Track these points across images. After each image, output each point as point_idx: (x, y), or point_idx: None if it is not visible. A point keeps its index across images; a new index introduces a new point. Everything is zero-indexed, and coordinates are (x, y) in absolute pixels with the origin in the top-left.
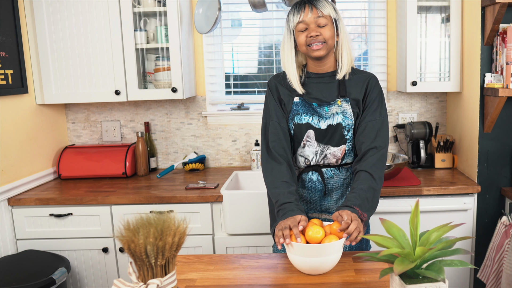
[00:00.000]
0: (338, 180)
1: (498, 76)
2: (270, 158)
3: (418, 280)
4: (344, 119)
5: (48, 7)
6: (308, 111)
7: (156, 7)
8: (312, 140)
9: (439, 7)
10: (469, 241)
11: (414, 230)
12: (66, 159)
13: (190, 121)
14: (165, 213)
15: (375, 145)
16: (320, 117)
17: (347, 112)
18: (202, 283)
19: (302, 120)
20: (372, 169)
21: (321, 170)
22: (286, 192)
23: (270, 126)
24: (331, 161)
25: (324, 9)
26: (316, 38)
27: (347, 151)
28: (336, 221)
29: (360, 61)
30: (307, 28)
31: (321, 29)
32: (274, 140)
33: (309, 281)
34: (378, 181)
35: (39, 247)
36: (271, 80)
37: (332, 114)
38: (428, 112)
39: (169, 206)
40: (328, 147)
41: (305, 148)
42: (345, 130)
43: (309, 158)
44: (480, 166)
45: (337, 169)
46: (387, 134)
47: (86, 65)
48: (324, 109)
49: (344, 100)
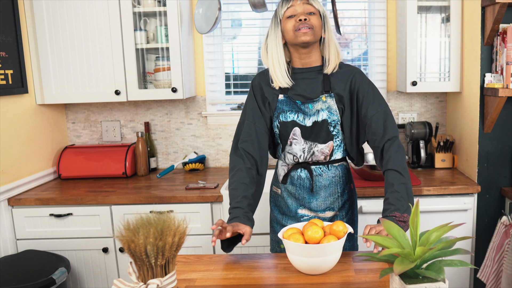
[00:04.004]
0: (327, 177)
1: (498, 76)
2: (236, 156)
3: (418, 280)
4: (329, 115)
5: (48, 7)
6: (293, 109)
7: (156, 7)
8: (299, 138)
9: (439, 7)
10: (469, 241)
11: (414, 230)
12: (66, 159)
13: (190, 121)
14: (165, 213)
15: (387, 138)
16: (304, 114)
17: (332, 108)
18: (202, 283)
19: (287, 118)
20: (395, 164)
21: (310, 167)
22: (241, 196)
23: (244, 125)
24: (319, 158)
25: (313, 1)
26: (304, 22)
27: (335, 147)
28: (336, 222)
29: (360, 61)
30: (295, 15)
31: (310, 16)
32: (246, 140)
33: (308, 281)
34: (405, 173)
35: (39, 247)
36: (255, 78)
37: (317, 110)
38: (428, 112)
39: (169, 206)
40: (315, 145)
41: (292, 145)
42: (331, 126)
43: (297, 155)
44: (480, 166)
45: (326, 167)
46: (394, 122)
47: (86, 65)
48: (308, 107)
49: (328, 96)
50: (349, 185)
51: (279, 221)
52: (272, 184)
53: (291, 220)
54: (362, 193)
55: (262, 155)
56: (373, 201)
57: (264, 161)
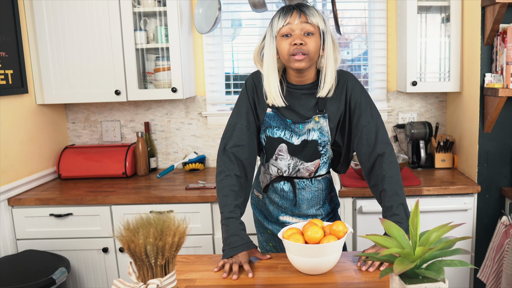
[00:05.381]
0: (310, 191)
1: (498, 76)
2: (225, 157)
3: (418, 280)
4: (320, 136)
5: (48, 7)
6: (280, 125)
7: (156, 7)
8: (285, 154)
9: (439, 7)
10: (469, 241)
11: (414, 230)
12: (66, 159)
13: (190, 121)
14: (165, 213)
15: (378, 153)
16: (292, 132)
17: (323, 129)
18: (202, 283)
19: (274, 134)
20: (390, 183)
21: (293, 180)
22: (233, 205)
23: (237, 129)
24: (304, 174)
25: (313, 17)
26: (299, 48)
27: (321, 164)
28: (336, 222)
29: (360, 61)
30: (291, 35)
31: (307, 38)
32: (238, 145)
33: (308, 281)
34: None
35: (39, 247)
36: (250, 78)
37: (308, 130)
38: (428, 112)
39: (169, 206)
40: (301, 163)
41: (278, 160)
42: (320, 146)
43: (282, 170)
44: (480, 166)
45: (309, 181)
46: (386, 134)
47: (86, 65)
48: (299, 127)
49: (322, 117)
50: (330, 195)
51: (261, 223)
52: (254, 187)
53: (273, 224)
54: (362, 193)
55: (252, 161)
56: (373, 201)
57: (253, 166)
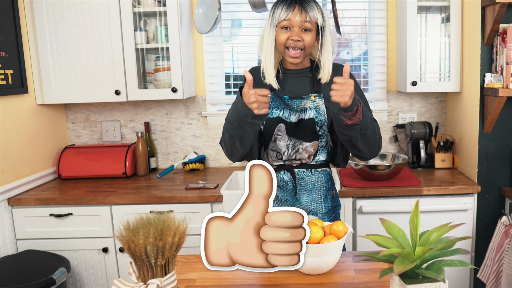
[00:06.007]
0: (309, 182)
1: (498, 76)
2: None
3: (418, 280)
4: (317, 115)
5: (48, 7)
6: (279, 105)
7: (156, 7)
8: (283, 134)
9: (439, 7)
10: (469, 241)
11: (414, 230)
12: (66, 159)
13: (190, 121)
14: (165, 213)
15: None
16: (290, 110)
17: (320, 108)
18: (202, 283)
19: (272, 114)
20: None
21: (293, 170)
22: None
23: None
24: (303, 156)
25: (312, 13)
26: (296, 44)
27: (320, 147)
28: (336, 222)
29: (360, 61)
30: (290, 28)
31: (304, 34)
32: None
33: (309, 281)
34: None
35: (39, 247)
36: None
37: (304, 108)
38: (428, 112)
39: (169, 206)
40: (300, 142)
41: (277, 141)
42: (317, 126)
43: (281, 152)
44: (480, 166)
45: (309, 171)
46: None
47: (86, 65)
48: (295, 102)
49: (318, 96)
50: (331, 191)
51: None
52: None
53: None
54: (362, 193)
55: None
56: (373, 201)
57: (264, 155)
